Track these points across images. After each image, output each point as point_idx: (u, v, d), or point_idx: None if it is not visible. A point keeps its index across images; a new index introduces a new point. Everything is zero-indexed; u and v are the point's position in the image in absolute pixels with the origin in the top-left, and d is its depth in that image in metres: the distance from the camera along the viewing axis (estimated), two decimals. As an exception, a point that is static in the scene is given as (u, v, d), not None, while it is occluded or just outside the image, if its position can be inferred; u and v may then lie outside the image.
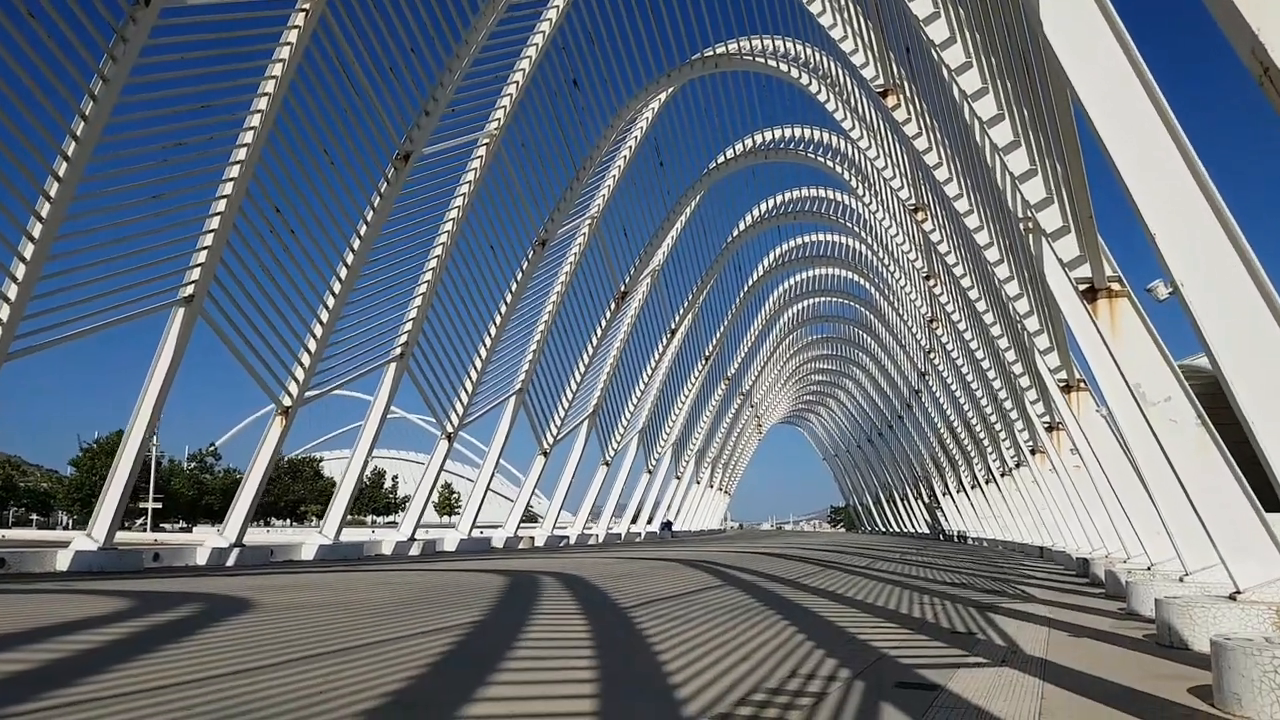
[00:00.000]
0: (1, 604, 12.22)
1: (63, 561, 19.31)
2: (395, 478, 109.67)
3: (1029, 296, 17.57)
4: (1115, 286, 10.59)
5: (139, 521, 71.98)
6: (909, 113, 19.39)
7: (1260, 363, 6.53)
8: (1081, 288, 10.70)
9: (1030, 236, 14.32)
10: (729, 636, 9.60)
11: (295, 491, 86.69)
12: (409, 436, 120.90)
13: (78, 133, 16.83)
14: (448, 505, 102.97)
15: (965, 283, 25.97)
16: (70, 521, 77.23)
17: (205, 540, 23.91)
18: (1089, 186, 10.18)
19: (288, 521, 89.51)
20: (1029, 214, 13.21)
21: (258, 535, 47.34)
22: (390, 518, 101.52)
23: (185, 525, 79.08)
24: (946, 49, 12.68)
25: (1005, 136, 12.03)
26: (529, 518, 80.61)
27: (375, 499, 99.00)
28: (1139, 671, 7.91)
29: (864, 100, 27.08)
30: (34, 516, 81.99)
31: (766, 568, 22.60)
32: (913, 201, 26.92)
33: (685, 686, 6.98)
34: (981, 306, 25.50)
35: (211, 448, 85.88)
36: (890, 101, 19.80)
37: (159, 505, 70.22)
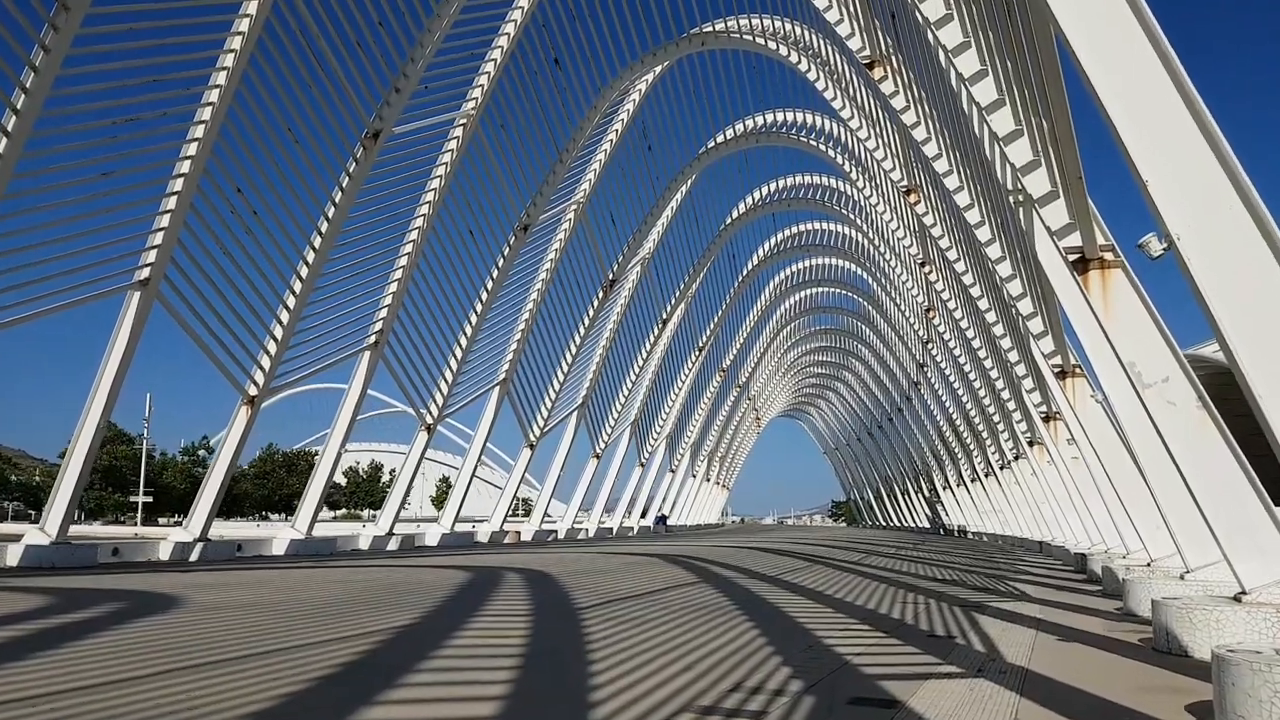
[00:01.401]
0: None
1: (12, 556, 18.46)
2: (391, 471, 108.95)
3: (1021, 277, 16.64)
4: (1108, 256, 9.63)
5: (131, 515, 71.37)
6: (896, 84, 18.44)
7: (1270, 327, 5.57)
8: (1072, 258, 9.75)
9: (1020, 210, 13.34)
10: (681, 641, 8.72)
11: (290, 485, 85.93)
12: (405, 430, 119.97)
13: (17, 105, 15.91)
14: (443, 499, 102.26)
15: (960, 267, 25.03)
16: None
17: (169, 535, 23.03)
18: (1077, 144, 9.21)
19: (283, 516, 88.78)
20: (1018, 185, 12.23)
21: (233, 529, 46.60)
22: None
23: (179, 520, 78.37)
24: (925, 1, 11.71)
25: (989, 94, 11.09)
26: (527, 511, 79.98)
27: (371, 493, 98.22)
28: (1131, 683, 7.02)
29: (853, 76, 26.11)
30: (30, 512, 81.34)
31: (751, 563, 21.70)
32: (905, 183, 25.97)
33: (605, 705, 6.07)
34: (976, 292, 24.57)
35: (204, 441, 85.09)
36: (877, 73, 18.85)
37: (150, 499, 69.44)
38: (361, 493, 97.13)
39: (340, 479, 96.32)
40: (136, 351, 19.83)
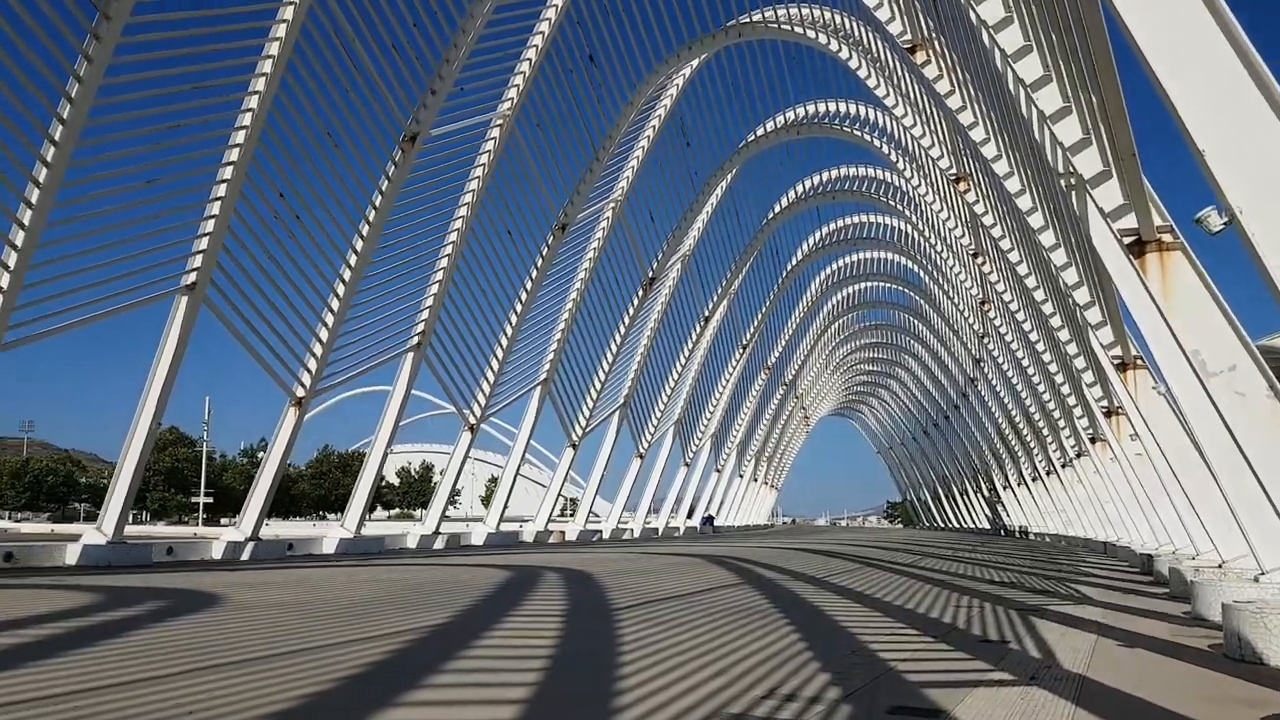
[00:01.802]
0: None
1: (71, 555, 18.78)
2: (441, 472, 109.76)
3: (1077, 264, 15.99)
4: (1166, 238, 9.09)
5: (193, 516, 72.88)
6: (940, 68, 17.89)
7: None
8: (1127, 241, 9.21)
9: (1073, 194, 12.77)
10: (716, 645, 8.40)
11: (345, 485, 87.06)
12: (455, 431, 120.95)
13: (64, 115, 16.13)
14: (486, 498, 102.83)
15: (1013, 257, 24.30)
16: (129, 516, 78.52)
17: (222, 534, 23.29)
18: (1129, 118, 8.69)
19: (338, 515, 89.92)
20: (1069, 167, 11.68)
21: (289, 529, 47.20)
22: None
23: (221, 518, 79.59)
24: (969, -23, 11.24)
25: (1035, 71, 10.57)
26: (575, 511, 79.97)
27: (423, 493, 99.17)
28: (1199, 693, 6.56)
29: (896, 63, 25.48)
30: (98, 512, 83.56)
31: (798, 565, 21.24)
32: (954, 171, 25.31)
33: (630, 710, 5.79)
34: (1032, 282, 23.81)
35: (262, 443, 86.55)
36: (920, 58, 18.31)
37: (210, 500, 70.81)
38: (413, 493, 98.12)
39: (393, 479, 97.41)
40: (186, 355, 20.05)
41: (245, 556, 21.92)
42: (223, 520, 74.10)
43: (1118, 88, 8.49)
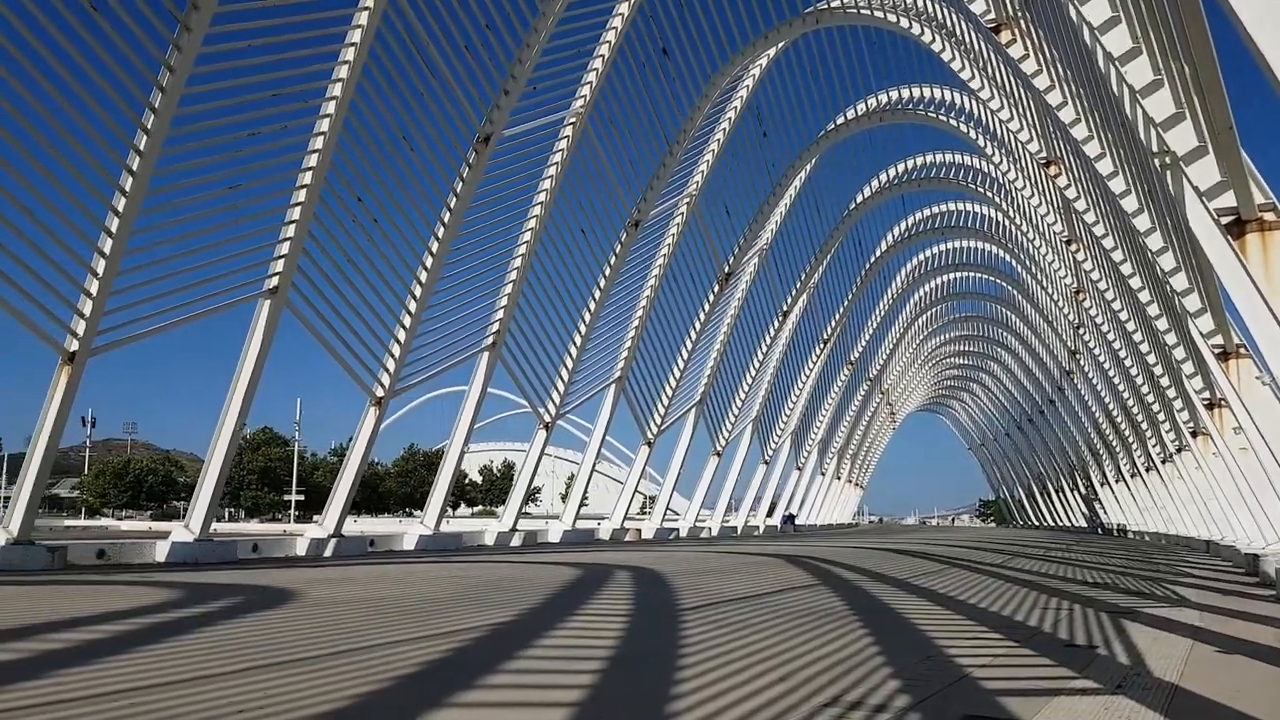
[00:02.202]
0: (45, 595, 11.87)
1: (160, 552, 19.40)
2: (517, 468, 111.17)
3: (1174, 249, 15.15)
4: (1268, 217, 8.47)
5: (286, 513, 75.17)
6: (1025, 47, 17.15)
7: None
8: (1225, 221, 8.59)
9: (1168, 174, 12.05)
10: (782, 649, 8.11)
11: (431, 483, 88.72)
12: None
13: (148, 125, 16.64)
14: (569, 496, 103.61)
15: (1108, 243, 23.28)
16: (225, 514, 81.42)
17: (306, 531, 23.85)
18: (1225, 90, 8.07)
19: (420, 511, 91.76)
20: (1163, 145, 11.02)
21: (377, 525, 48.23)
22: (524, 508, 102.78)
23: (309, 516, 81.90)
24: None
25: (1123, 43, 9.96)
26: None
27: (505, 490, 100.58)
28: (1305, 707, 6.00)
29: (980, 44, 24.62)
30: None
31: (879, 565, 20.68)
32: (1043, 155, 24.35)
33: (685, 716, 5.57)
34: (1127, 269, 22.78)
35: (352, 441, 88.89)
36: (1004, 37, 17.60)
37: (301, 497, 72.95)
38: (495, 490, 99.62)
39: (476, 478, 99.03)
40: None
41: (328, 553, 22.38)
42: (314, 517, 76.29)
43: (1212, 56, 7.91)
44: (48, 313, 16.14)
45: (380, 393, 23.52)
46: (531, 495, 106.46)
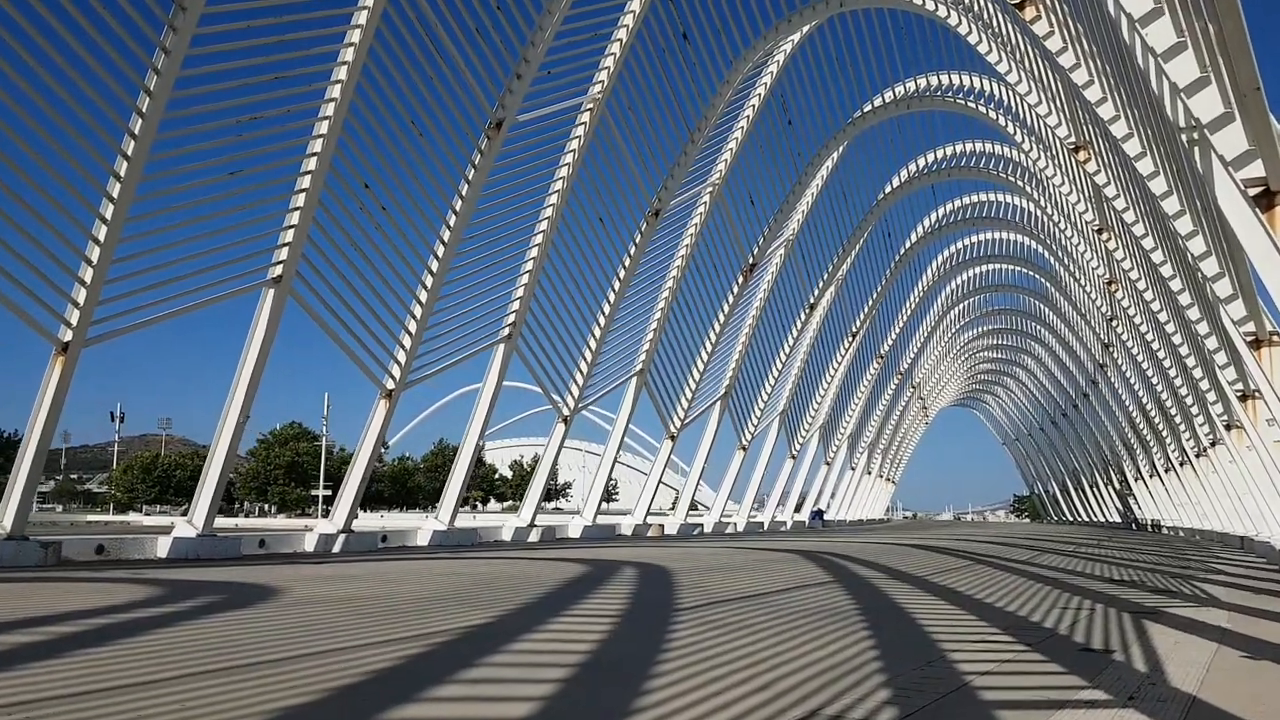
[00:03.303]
0: (16, 594, 11.58)
1: (162, 548, 19.19)
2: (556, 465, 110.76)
3: (1203, 231, 14.37)
4: (1303, 186, 7.72)
5: (313, 509, 75.51)
6: (1050, 23, 16.40)
7: None
8: (1253, 192, 7.90)
9: (1195, 149, 11.30)
10: (773, 654, 7.58)
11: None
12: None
13: (142, 108, 16.33)
14: (605, 491, 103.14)
15: (1138, 230, 22.42)
16: (256, 509, 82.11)
17: (315, 527, 23.58)
18: (1252, 49, 7.38)
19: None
20: (1190, 121, 10.29)
21: (403, 521, 48.07)
22: (553, 504, 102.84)
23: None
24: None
25: (1144, 4, 9.24)
26: (691, 505, 79.33)
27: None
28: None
29: (1005, 23, 23.77)
30: (224, 505, 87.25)
31: (899, 562, 20.01)
32: (1072, 140, 23.51)
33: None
34: (1158, 257, 21.92)
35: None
36: (1028, 14, 16.86)
37: (329, 493, 73.13)
38: (524, 486, 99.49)
39: (506, 473, 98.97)
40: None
41: (336, 549, 22.08)
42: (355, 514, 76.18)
43: (1238, 10, 7.22)
44: (40, 302, 15.89)
45: (391, 385, 23.17)
46: (562, 490, 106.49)
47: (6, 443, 65.57)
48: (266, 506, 79.12)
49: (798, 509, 57.77)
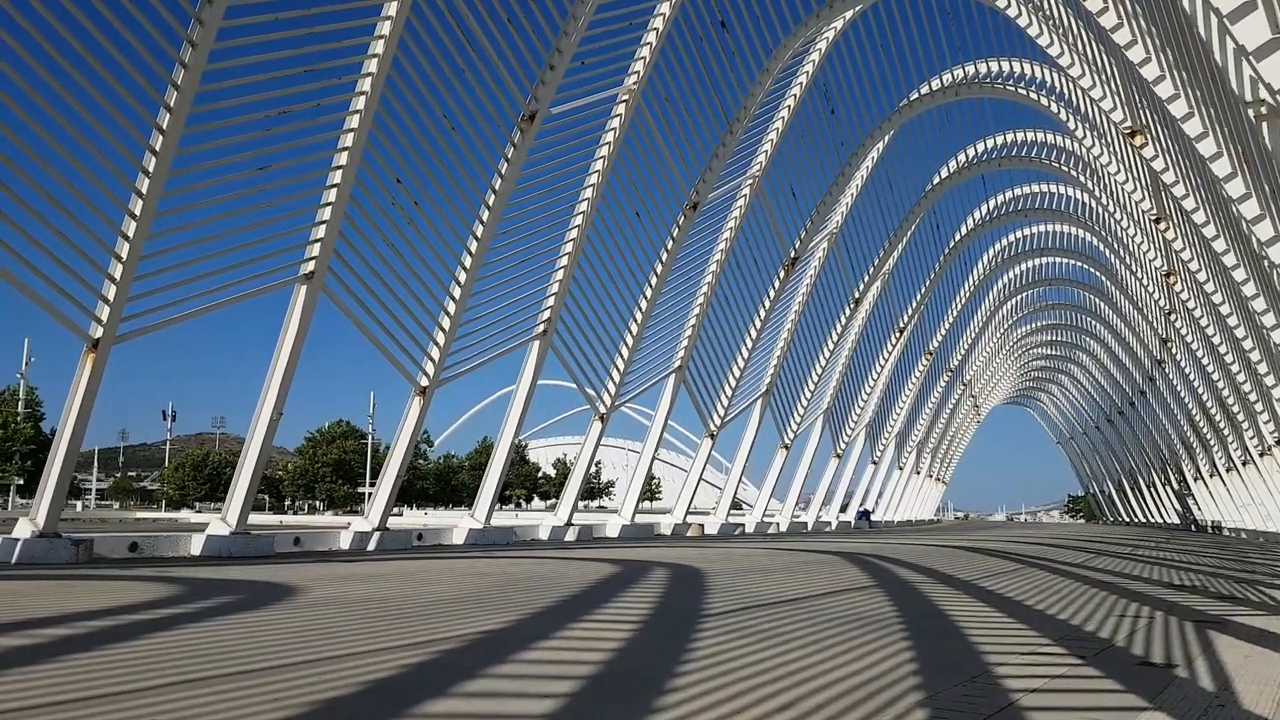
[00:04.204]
0: (35, 591, 11.40)
1: (195, 546, 19.09)
2: (599, 463, 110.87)
3: (1271, 214, 13.44)
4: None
5: (360, 506, 76.00)
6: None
7: None
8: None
9: (1264, 125, 10.49)
10: (801, 667, 7.04)
11: (505, 476, 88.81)
12: (614, 424, 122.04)
13: (170, 103, 16.16)
14: (648, 491, 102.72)
15: (1199, 218, 21.35)
16: (305, 507, 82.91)
17: (352, 524, 23.39)
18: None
19: (499, 506, 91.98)
20: (1257, 91, 9.49)
21: (440, 518, 48.03)
22: (598, 502, 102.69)
23: (399, 510, 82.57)
24: None
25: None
26: (734, 505, 78.45)
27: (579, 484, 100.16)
28: None
29: (1055, 3, 22.78)
30: (270, 501, 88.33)
31: (947, 565, 19.24)
32: (1128, 124, 22.46)
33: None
34: (1220, 245, 20.84)
35: (424, 434, 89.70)
36: (1080, -12, 15.96)
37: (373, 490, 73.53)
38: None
39: (550, 471, 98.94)
40: (306, 343, 20.06)
41: (371, 547, 21.85)
42: (401, 512, 76.98)
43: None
44: (70, 299, 15.79)
45: (425, 382, 22.89)
46: (605, 489, 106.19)
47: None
48: (315, 504, 79.83)
49: (843, 509, 56.74)
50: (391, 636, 8.17)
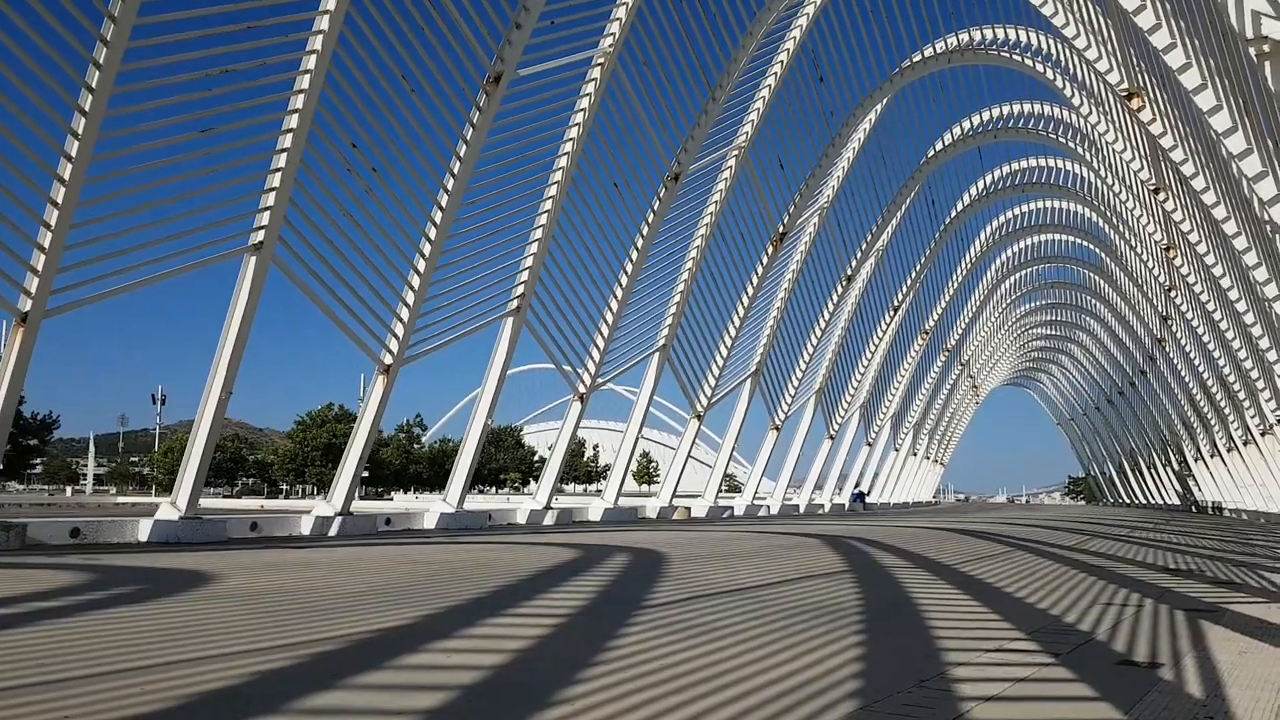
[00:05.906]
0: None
1: (142, 531, 18.20)
2: (595, 447, 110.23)
3: (1274, 172, 12.39)
4: None
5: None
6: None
7: None
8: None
9: (1266, 64, 9.44)
10: (728, 669, 6.16)
11: (497, 460, 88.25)
12: (612, 407, 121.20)
13: (99, 59, 15.10)
14: (645, 474, 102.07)
15: (1198, 184, 20.29)
16: (300, 490, 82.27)
17: (314, 509, 22.49)
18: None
19: (493, 489, 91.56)
20: (1258, 26, 8.46)
21: (430, 503, 47.14)
22: (595, 485, 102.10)
23: (389, 494, 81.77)
24: None
25: None
26: (732, 487, 77.78)
27: (576, 468, 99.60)
28: None
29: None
30: (264, 486, 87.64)
31: (931, 548, 18.32)
32: (1125, 85, 21.34)
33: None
34: (1220, 213, 19.80)
35: (418, 419, 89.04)
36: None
37: (366, 474, 72.82)
38: (567, 468, 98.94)
39: (545, 454, 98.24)
40: (256, 317, 19.08)
41: (333, 532, 20.97)
42: (390, 495, 76.28)
43: None
44: (-1, 271, 14.80)
45: (389, 360, 21.92)
46: (601, 472, 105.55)
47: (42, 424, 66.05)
48: (306, 488, 79.17)
49: (838, 491, 55.87)
50: (272, 635, 7.24)
